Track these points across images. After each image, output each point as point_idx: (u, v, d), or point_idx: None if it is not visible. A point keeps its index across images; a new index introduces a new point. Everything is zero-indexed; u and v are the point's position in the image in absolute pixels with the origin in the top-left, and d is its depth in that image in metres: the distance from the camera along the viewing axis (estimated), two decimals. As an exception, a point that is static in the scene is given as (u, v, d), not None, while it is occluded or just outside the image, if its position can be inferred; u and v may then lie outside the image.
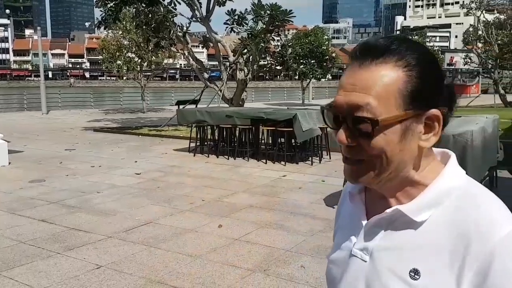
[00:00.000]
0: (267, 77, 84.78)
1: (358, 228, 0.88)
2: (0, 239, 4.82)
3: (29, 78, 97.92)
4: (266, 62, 15.58)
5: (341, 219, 0.98)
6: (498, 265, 0.71)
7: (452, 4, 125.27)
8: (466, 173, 0.87)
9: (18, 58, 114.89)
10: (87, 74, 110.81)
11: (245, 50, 13.17)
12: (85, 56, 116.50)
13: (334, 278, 0.93)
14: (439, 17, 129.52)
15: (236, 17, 13.09)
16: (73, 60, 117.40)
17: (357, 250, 0.87)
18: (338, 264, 0.91)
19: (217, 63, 13.80)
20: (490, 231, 0.73)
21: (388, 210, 0.82)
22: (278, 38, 13.79)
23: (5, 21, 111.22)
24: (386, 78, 0.77)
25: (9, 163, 8.94)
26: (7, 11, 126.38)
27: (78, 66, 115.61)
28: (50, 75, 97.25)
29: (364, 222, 0.87)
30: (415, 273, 0.78)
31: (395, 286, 0.79)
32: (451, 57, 37.77)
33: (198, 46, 16.66)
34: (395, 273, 0.80)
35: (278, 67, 15.72)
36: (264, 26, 12.49)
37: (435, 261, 0.77)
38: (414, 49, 0.80)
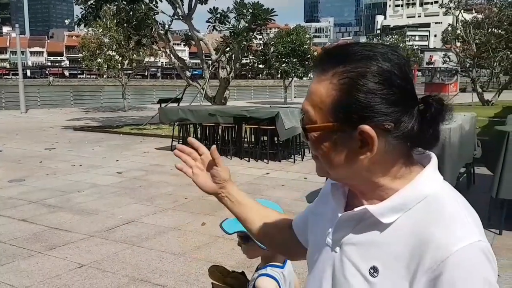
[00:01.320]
0: (249, 75, 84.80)
1: (335, 219, 0.92)
2: (-21, 239, 4.74)
3: (7, 77, 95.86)
4: (248, 61, 15.61)
5: (323, 207, 1.02)
6: (447, 276, 0.73)
7: (432, 3, 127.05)
8: (443, 169, 0.91)
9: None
10: (66, 73, 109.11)
11: (228, 49, 13.17)
12: (64, 54, 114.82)
13: (309, 262, 1.01)
14: (418, 17, 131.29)
15: (218, 15, 13.08)
16: (52, 58, 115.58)
17: (330, 240, 0.92)
18: (315, 250, 0.98)
19: (199, 61, 13.76)
20: (447, 244, 0.74)
21: (356, 209, 0.86)
22: (261, 36, 13.81)
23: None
24: (322, 90, 0.82)
25: (-13, 162, 8.77)
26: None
27: (57, 64, 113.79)
28: (28, 74, 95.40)
29: (340, 215, 0.91)
30: (374, 270, 0.82)
31: (355, 280, 0.84)
32: (430, 56, 38.33)
33: (180, 44, 16.63)
34: (357, 268, 0.85)
35: (261, 66, 15.75)
36: (247, 25, 12.50)
37: (393, 262, 0.79)
38: (358, 61, 0.79)
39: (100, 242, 4.67)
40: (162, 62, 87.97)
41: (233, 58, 13.17)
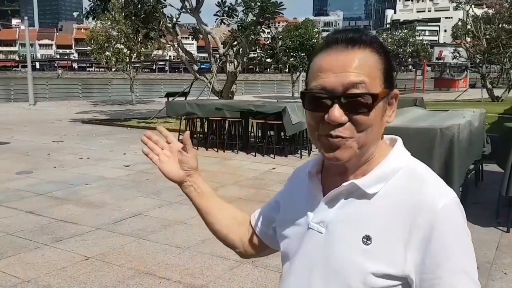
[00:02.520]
0: (257, 69, 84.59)
1: (315, 203, 0.96)
2: (-13, 230, 4.78)
3: (16, 69, 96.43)
4: (256, 55, 15.52)
5: (295, 197, 1.05)
6: (439, 230, 0.83)
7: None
8: (452, 165, 0.99)
9: (4, 48, 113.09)
10: (75, 65, 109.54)
11: (235, 42, 13.12)
12: (73, 47, 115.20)
13: (289, 251, 1.00)
14: (428, 11, 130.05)
15: (226, 8, 13.00)
16: (61, 50, 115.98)
17: (314, 223, 0.95)
18: (294, 239, 0.99)
19: (207, 55, 13.72)
20: (433, 202, 0.84)
21: (344, 184, 0.91)
22: (269, 30, 13.74)
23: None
24: (370, 60, 0.87)
25: (-4, 154, 8.84)
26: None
27: (66, 57, 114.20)
28: (37, 66, 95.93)
29: (321, 198, 0.95)
30: (367, 239, 0.87)
31: (349, 252, 0.87)
32: (440, 51, 38.05)
33: (188, 38, 16.59)
34: (349, 241, 0.89)
35: (268, 60, 15.65)
36: (255, 18, 12.43)
37: (385, 227, 0.86)
38: (376, 39, 0.90)
39: (106, 235, 4.69)
40: (170, 56, 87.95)
41: (241, 52, 13.12)
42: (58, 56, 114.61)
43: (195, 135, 10.34)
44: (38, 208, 5.57)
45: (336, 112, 0.84)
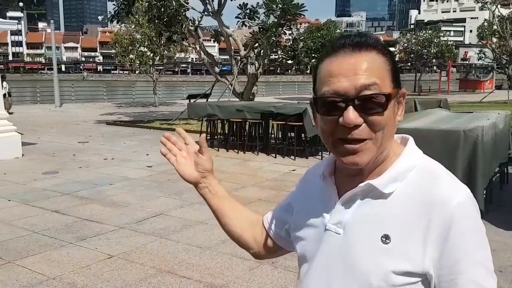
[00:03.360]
0: (278, 71, 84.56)
1: (331, 205, 0.97)
2: (14, 229, 4.93)
3: (42, 71, 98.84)
4: (277, 56, 15.55)
5: (309, 199, 1.06)
6: (456, 225, 0.85)
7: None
8: (476, 168, 0.99)
9: (31, 51, 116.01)
10: (100, 68, 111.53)
11: (256, 44, 13.17)
12: (98, 50, 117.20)
13: (307, 253, 1.01)
14: (453, 11, 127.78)
15: (248, 11, 13.07)
16: (86, 53, 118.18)
17: (331, 224, 0.96)
18: (312, 241, 1.00)
19: (228, 57, 13.82)
20: (449, 199, 0.86)
21: (361, 184, 0.92)
22: (290, 32, 13.74)
23: (18, 14, 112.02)
24: (378, 62, 0.89)
25: (23, 155, 9.09)
26: (21, 4, 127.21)
27: (91, 60, 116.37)
28: (63, 69, 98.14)
29: (337, 199, 0.96)
30: (386, 238, 0.88)
31: (368, 252, 0.89)
32: (465, 52, 37.30)
33: (210, 40, 16.70)
34: (367, 241, 0.90)
35: (289, 61, 15.65)
36: (276, 20, 12.46)
37: (403, 226, 0.88)
38: (379, 42, 0.92)
39: (129, 234, 4.78)
40: (192, 58, 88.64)
41: (262, 54, 13.16)
42: (83, 59, 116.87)
43: (216, 136, 10.42)
44: (64, 208, 5.70)
45: (351, 114, 0.85)
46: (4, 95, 19.58)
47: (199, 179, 1.21)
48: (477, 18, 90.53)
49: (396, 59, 0.97)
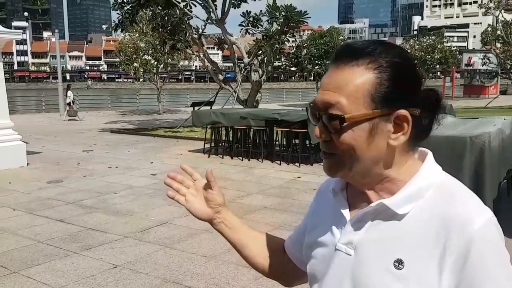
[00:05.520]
0: (281, 78, 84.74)
1: (342, 223, 0.92)
2: (19, 238, 4.92)
3: (47, 80, 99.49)
4: (280, 63, 15.58)
5: (321, 216, 1.02)
6: (476, 251, 0.78)
7: (470, 3, 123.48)
8: (483, 174, 0.94)
9: (36, 60, 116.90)
10: (104, 76, 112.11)
11: (260, 52, 13.20)
12: (102, 58, 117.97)
13: (317, 273, 0.97)
14: (457, 17, 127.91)
15: (251, 18, 13.13)
16: (90, 62, 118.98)
17: (342, 244, 0.91)
18: (322, 260, 0.95)
19: (232, 64, 13.85)
20: (468, 222, 0.79)
21: (372, 204, 0.87)
22: (293, 39, 13.77)
23: (23, 23, 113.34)
24: (357, 79, 0.83)
25: (28, 163, 9.10)
26: (26, 13, 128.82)
27: (96, 68, 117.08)
28: (68, 77, 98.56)
29: (348, 218, 0.92)
30: (399, 263, 0.83)
31: (380, 277, 0.84)
32: (469, 57, 37.27)
33: (213, 48, 16.76)
34: (379, 264, 0.84)
35: (293, 68, 15.69)
36: (279, 28, 12.49)
37: (417, 251, 0.82)
38: (388, 52, 0.84)
39: (134, 243, 4.75)
40: (196, 66, 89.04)
41: (265, 61, 13.19)
42: (87, 68, 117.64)
43: (220, 144, 10.41)
44: (68, 217, 5.69)
45: (317, 130, 0.87)
46: (69, 103, 20.03)
47: (213, 215, 1.16)
48: (481, 23, 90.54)
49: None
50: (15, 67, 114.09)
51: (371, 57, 0.83)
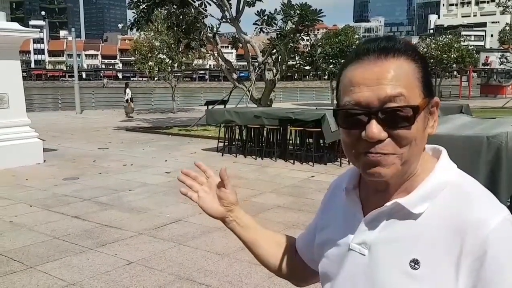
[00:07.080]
0: (296, 77, 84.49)
1: (355, 223, 0.90)
2: (35, 234, 4.99)
3: (64, 79, 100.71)
4: (295, 62, 15.53)
5: (332, 214, 1.00)
6: (493, 251, 0.75)
7: (488, 2, 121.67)
8: (500, 176, 0.92)
9: (52, 58, 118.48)
10: (119, 75, 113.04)
11: (274, 50, 13.16)
12: (117, 57, 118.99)
13: (329, 273, 0.95)
14: (474, 16, 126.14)
15: (266, 17, 13.10)
16: (106, 61, 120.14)
17: (355, 244, 0.89)
18: (334, 259, 0.93)
19: (246, 63, 13.85)
20: (484, 222, 0.77)
21: (387, 204, 0.85)
22: (308, 38, 13.71)
23: (40, 22, 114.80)
24: (406, 69, 0.81)
25: (44, 161, 9.23)
26: (43, 13, 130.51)
27: (111, 67, 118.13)
28: (84, 76, 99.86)
29: (361, 217, 0.89)
30: (415, 263, 0.80)
31: (395, 277, 0.82)
32: (486, 56, 36.76)
33: (228, 47, 16.79)
34: (395, 265, 0.82)
35: (307, 67, 15.63)
36: (294, 26, 12.45)
37: (434, 250, 0.80)
38: (410, 46, 0.85)
39: (148, 240, 4.79)
40: (210, 65, 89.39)
41: (280, 60, 13.16)
42: (103, 66, 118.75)
43: (233, 143, 10.43)
44: (84, 213, 5.76)
45: (374, 129, 0.78)
46: (127, 100, 20.46)
47: (225, 213, 1.15)
48: (498, 22, 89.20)
49: None
50: (32, 65, 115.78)
51: (405, 50, 0.82)
